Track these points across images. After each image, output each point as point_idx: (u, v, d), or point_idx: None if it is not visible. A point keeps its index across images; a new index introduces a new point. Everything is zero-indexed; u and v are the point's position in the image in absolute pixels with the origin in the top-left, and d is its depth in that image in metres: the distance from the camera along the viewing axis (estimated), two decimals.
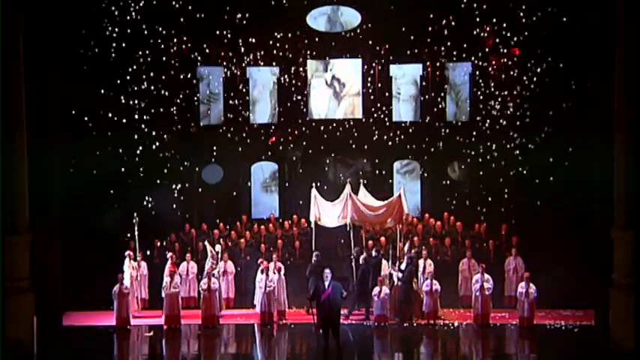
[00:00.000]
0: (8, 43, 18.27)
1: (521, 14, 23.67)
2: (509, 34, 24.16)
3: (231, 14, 24.45)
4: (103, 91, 23.31)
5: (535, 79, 24.02)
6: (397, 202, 21.71)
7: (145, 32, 23.79)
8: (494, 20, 24.14)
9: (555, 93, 23.50)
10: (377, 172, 26.13)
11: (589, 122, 20.82)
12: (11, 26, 18.31)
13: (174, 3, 23.83)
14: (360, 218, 21.82)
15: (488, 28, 24.39)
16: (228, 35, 24.74)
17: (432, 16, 24.55)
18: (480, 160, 24.99)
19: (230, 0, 24.43)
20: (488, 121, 24.85)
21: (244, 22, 24.53)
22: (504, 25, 24.07)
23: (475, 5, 23.99)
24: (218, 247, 22.43)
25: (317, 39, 25.71)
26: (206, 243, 22.52)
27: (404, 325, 20.92)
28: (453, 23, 24.52)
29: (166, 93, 24.54)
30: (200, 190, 25.57)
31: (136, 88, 23.95)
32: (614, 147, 18.58)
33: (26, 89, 18.77)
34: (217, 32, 24.58)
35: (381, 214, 21.85)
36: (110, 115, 23.44)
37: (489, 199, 24.60)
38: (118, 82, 23.69)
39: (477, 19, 24.16)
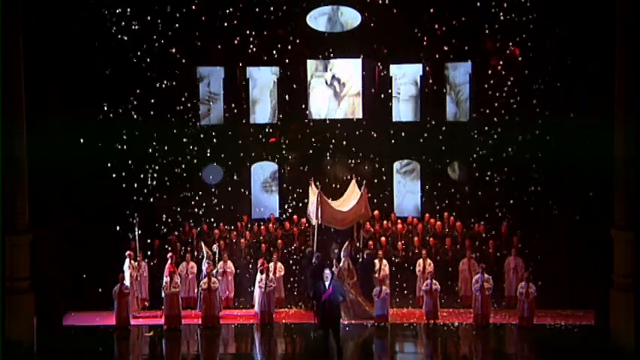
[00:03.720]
0: (8, 41, 18.28)
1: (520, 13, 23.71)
2: (509, 34, 24.17)
3: (231, 14, 24.42)
4: (101, 92, 23.29)
5: (534, 80, 24.03)
6: (362, 199, 22.01)
7: (145, 32, 23.76)
8: (495, 20, 24.14)
9: (555, 95, 23.47)
10: (377, 172, 26.12)
11: (589, 123, 20.81)
12: (11, 24, 18.34)
13: (174, 3, 23.83)
14: (326, 219, 21.91)
15: (487, 27, 24.38)
16: (229, 35, 24.73)
17: (432, 16, 24.55)
18: (480, 160, 24.98)
19: (230, 0, 24.41)
20: (488, 121, 24.84)
21: (245, 22, 24.51)
22: (504, 24, 24.07)
23: (475, 5, 24.00)
24: (215, 248, 22.44)
25: (317, 39, 25.70)
26: (202, 244, 22.51)
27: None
28: (453, 23, 24.51)
29: (166, 93, 24.50)
30: (200, 190, 25.54)
31: (136, 91, 23.92)
32: (615, 148, 18.59)
33: (26, 89, 18.78)
34: (217, 32, 24.56)
35: (348, 211, 22.05)
36: (110, 117, 23.42)
37: (489, 199, 24.57)
38: (118, 83, 23.66)
39: (477, 18, 24.18)
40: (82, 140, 22.08)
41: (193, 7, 23.95)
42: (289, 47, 25.42)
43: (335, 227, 22.48)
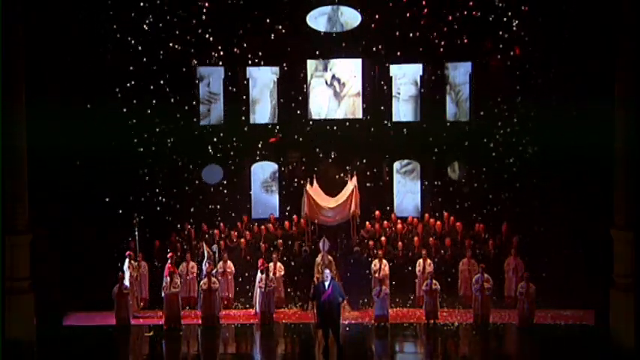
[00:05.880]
0: (8, 40, 18.28)
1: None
2: (509, 33, 24.18)
3: (232, 14, 24.43)
4: (101, 93, 23.28)
5: (534, 80, 24.03)
6: (351, 197, 22.26)
7: (145, 31, 23.77)
8: (495, 19, 24.16)
9: (555, 95, 23.46)
10: (377, 171, 26.14)
11: (590, 123, 20.79)
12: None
13: (174, 2, 23.85)
14: (312, 216, 22.34)
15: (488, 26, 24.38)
16: (229, 35, 24.72)
17: (432, 16, 24.55)
18: (480, 160, 24.98)
19: (230, 0, 24.42)
20: (487, 121, 24.84)
21: (244, 22, 24.52)
22: (504, 24, 24.10)
23: (475, 5, 24.02)
24: (215, 248, 22.44)
25: (317, 39, 25.69)
26: (203, 243, 22.52)
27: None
28: (453, 23, 24.51)
29: (166, 93, 24.51)
30: (200, 190, 25.57)
31: (135, 91, 23.92)
32: (615, 148, 18.59)
33: (27, 89, 18.78)
34: (217, 32, 24.55)
35: (334, 208, 22.34)
36: (110, 117, 23.41)
37: (489, 199, 24.57)
38: (117, 83, 23.66)
39: (477, 18, 24.19)
40: (81, 141, 22.09)
41: (192, 7, 23.98)
42: (289, 47, 25.43)
43: (322, 224, 22.67)
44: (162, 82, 24.29)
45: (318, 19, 25.77)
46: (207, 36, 24.39)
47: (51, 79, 21.07)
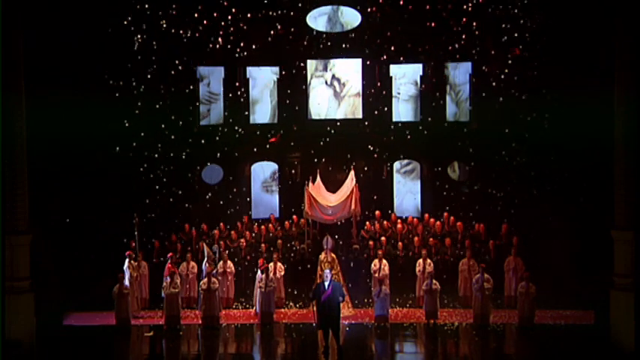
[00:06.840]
0: (8, 38, 18.28)
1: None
2: (509, 33, 24.20)
3: (232, 14, 24.43)
4: (101, 93, 23.29)
5: (534, 80, 24.05)
6: (352, 195, 22.29)
7: (145, 31, 23.78)
8: (495, 19, 24.17)
9: (555, 95, 23.47)
10: (377, 171, 26.15)
11: (590, 124, 20.82)
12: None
13: (174, 3, 23.87)
14: (313, 215, 22.43)
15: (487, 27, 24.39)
16: (228, 35, 24.74)
17: (431, 16, 24.56)
18: (480, 159, 24.99)
19: (230, 0, 24.43)
20: (487, 121, 24.85)
21: (245, 21, 24.53)
22: (505, 24, 24.12)
23: (475, 5, 24.03)
24: (215, 248, 22.45)
25: (317, 39, 25.70)
26: (203, 243, 22.52)
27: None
28: (452, 23, 24.53)
29: (166, 92, 24.52)
30: (200, 189, 25.57)
31: (135, 91, 23.95)
32: (615, 148, 18.59)
33: (26, 89, 18.77)
34: (217, 32, 24.56)
35: (335, 207, 22.38)
36: (110, 118, 23.42)
37: (489, 199, 24.58)
38: (117, 83, 23.67)
39: (477, 18, 24.21)
40: (81, 141, 22.11)
41: (192, 6, 24.00)
42: (289, 47, 25.44)
43: (323, 222, 22.70)
44: (162, 81, 24.32)
45: (318, 19, 25.80)
46: (207, 34, 24.41)
47: (51, 79, 21.06)
